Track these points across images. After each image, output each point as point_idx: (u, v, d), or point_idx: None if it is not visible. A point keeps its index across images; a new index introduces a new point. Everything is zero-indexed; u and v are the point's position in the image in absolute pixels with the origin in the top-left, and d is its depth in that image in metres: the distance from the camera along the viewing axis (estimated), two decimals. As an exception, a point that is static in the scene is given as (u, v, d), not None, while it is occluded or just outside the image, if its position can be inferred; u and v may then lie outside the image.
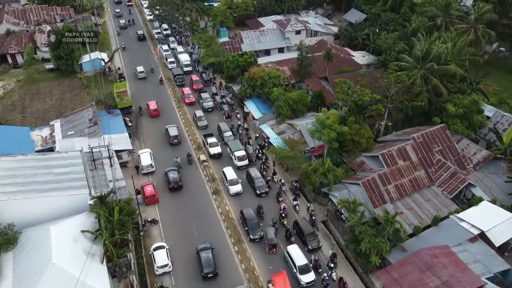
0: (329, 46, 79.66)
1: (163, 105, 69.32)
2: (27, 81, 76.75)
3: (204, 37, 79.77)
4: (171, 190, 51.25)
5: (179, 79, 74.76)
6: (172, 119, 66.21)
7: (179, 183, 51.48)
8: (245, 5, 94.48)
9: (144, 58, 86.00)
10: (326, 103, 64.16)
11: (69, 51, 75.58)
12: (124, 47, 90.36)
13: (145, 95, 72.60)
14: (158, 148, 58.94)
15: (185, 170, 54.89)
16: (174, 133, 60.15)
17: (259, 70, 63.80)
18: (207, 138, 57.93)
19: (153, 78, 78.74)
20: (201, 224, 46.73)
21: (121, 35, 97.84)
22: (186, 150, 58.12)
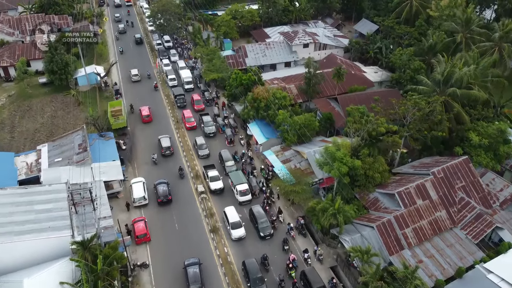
0: (339, 61, 74.77)
1: (156, 111, 68.01)
2: (18, 96, 72.66)
3: (206, 51, 75.14)
4: (160, 205, 49.49)
5: (180, 100, 68.75)
6: (165, 126, 64.88)
7: (168, 196, 49.57)
8: (251, 15, 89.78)
9: (141, 63, 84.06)
10: (335, 126, 59.33)
11: (62, 65, 71.35)
12: (122, 50, 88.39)
13: (138, 100, 71.24)
14: (149, 161, 57.24)
15: (176, 186, 52.46)
16: (167, 144, 57.93)
17: (263, 90, 58.99)
18: (208, 171, 52.28)
19: (148, 83, 76.97)
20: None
21: (120, 40, 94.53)
22: (178, 163, 56.22)
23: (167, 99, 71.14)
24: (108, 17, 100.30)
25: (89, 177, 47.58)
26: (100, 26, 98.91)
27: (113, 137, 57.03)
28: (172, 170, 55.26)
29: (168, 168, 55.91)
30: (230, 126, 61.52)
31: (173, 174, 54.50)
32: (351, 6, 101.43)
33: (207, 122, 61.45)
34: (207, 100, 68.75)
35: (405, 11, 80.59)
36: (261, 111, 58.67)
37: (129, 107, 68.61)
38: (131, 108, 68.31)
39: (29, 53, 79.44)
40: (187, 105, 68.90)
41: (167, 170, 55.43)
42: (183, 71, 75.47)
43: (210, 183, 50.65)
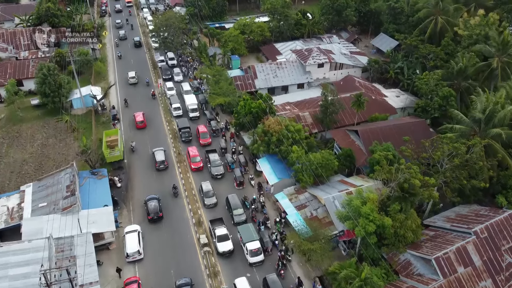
0: (358, 84, 68.26)
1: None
2: (8, 120, 66.88)
3: (212, 72, 68.83)
4: (150, 222, 47.37)
5: (185, 134, 60.57)
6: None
7: (159, 213, 47.62)
8: (261, 30, 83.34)
9: (139, 67, 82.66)
10: (356, 165, 52.74)
11: (56, 87, 65.46)
12: (120, 55, 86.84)
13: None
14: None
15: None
16: (161, 158, 55.66)
17: (275, 122, 52.59)
18: (216, 228, 44.49)
19: (146, 91, 74.67)
20: None
21: (120, 46, 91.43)
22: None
23: (168, 125, 64.93)
24: (109, 31, 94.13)
25: (76, 229, 41.64)
26: (100, 40, 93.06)
27: (106, 175, 50.89)
28: (166, 186, 52.98)
29: (162, 183, 53.62)
30: (239, 164, 54.67)
31: (166, 191, 52.00)
32: (368, 19, 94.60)
33: (214, 161, 54.04)
34: (214, 131, 61.86)
35: (429, 28, 73.75)
36: (273, 146, 52.25)
37: (124, 101, 70.94)
38: (125, 102, 70.55)
39: (22, 71, 73.76)
40: (193, 138, 61.35)
41: (160, 185, 53.19)
42: (188, 97, 68.54)
43: (218, 243, 43.32)
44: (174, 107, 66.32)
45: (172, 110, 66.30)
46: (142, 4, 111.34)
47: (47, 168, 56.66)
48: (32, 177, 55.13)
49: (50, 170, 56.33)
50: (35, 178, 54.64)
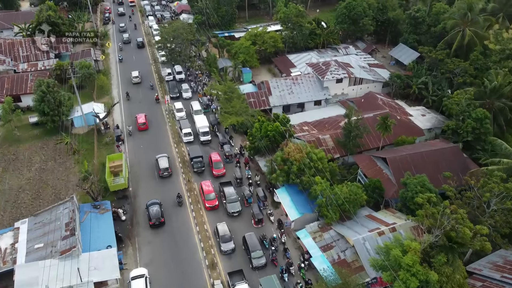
0: (380, 102, 63.35)
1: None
2: (4, 140, 62.23)
3: (224, 88, 63.98)
4: (152, 227, 46.47)
5: (197, 165, 54.15)
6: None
7: (161, 219, 46.70)
8: (273, 41, 78.40)
9: (142, 69, 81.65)
10: (385, 197, 47.78)
11: (55, 105, 60.74)
12: (122, 59, 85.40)
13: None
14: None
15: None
16: (164, 165, 54.15)
17: (296, 149, 47.68)
18: (236, 285, 38.31)
19: (150, 94, 73.40)
20: None
21: (124, 50, 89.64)
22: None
23: (176, 148, 59.97)
24: (113, 36, 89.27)
25: (76, 278, 36.87)
26: (103, 50, 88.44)
27: (109, 208, 46.07)
28: (170, 195, 51.08)
29: (164, 192, 51.78)
30: (257, 197, 49.46)
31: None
32: (385, 28, 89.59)
33: (231, 197, 47.91)
34: (227, 156, 56.40)
35: (456, 40, 68.64)
36: (293, 176, 47.34)
37: (126, 94, 72.34)
38: (127, 95, 71.84)
39: (20, 86, 69.05)
40: (205, 169, 55.09)
41: (163, 194, 51.28)
42: (198, 118, 62.70)
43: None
44: (184, 133, 59.97)
45: (183, 136, 60.05)
46: (147, 12, 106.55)
47: (45, 197, 52.00)
48: (29, 207, 50.52)
49: (48, 198, 51.81)
50: (32, 208, 50.27)
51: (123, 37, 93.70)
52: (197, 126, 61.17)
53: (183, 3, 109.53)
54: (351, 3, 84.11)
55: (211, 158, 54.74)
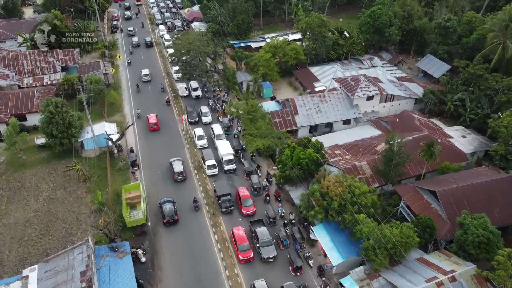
0: (417, 122, 58.37)
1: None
2: (9, 165, 57.27)
3: (246, 108, 58.97)
4: (166, 225, 46.67)
5: (226, 204, 47.71)
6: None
7: (175, 216, 46.76)
8: (295, 53, 73.31)
9: (152, 68, 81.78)
10: (438, 238, 42.68)
11: (65, 127, 55.75)
12: (130, 62, 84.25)
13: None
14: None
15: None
16: (179, 169, 53.08)
17: (335, 183, 42.61)
18: None
19: (160, 97, 72.46)
20: None
21: (133, 54, 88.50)
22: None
23: (198, 178, 54.67)
24: (121, 47, 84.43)
25: None
26: (113, 61, 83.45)
27: (129, 251, 40.99)
28: (185, 199, 50.10)
29: (180, 196, 50.65)
30: (293, 239, 44.05)
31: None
32: (410, 38, 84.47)
33: (264, 240, 41.92)
34: (255, 188, 50.80)
35: (496, 54, 63.53)
36: (333, 213, 42.29)
37: (135, 86, 74.46)
38: (136, 88, 74.14)
39: (25, 104, 64.03)
40: (234, 208, 48.80)
41: (178, 198, 50.03)
42: (221, 144, 56.69)
43: None
44: (208, 165, 53.52)
45: (206, 169, 53.69)
46: (157, 20, 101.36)
47: (55, 233, 47.03)
48: (37, 245, 45.61)
49: (58, 234, 46.89)
50: (41, 246, 45.44)
51: (132, 40, 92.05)
52: (220, 154, 55.46)
53: (194, 10, 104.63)
54: (376, 12, 79.04)
55: (239, 194, 48.56)
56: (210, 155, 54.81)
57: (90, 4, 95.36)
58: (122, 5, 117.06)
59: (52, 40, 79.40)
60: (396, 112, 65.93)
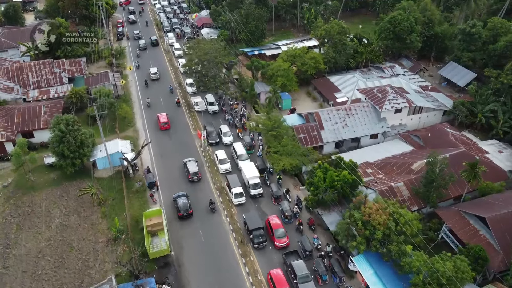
0: (452, 137, 55.11)
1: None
2: (17, 187, 53.45)
3: (269, 123, 55.45)
4: (181, 219, 47.46)
5: (259, 239, 43.11)
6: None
7: (189, 210, 47.49)
8: (314, 61, 69.80)
9: (159, 68, 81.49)
10: (490, 269, 39.32)
11: (76, 146, 52.00)
12: (138, 65, 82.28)
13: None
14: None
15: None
16: (194, 170, 52.86)
17: (378, 211, 39.16)
18: None
19: (170, 98, 71.79)
20: None
21: (140, 57, 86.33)
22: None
23: (225, 211, 50.01)
24: (132, 66, 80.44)
25: None
26: (121, 71, 79.68)
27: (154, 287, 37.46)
28: (201, 201, 50.08)
29: (196, 197, 50.41)
30: (332, 272, 40.62)
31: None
32: (430, 44, 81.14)
33: (302, 276, 38.13)
34: (286, 216, 46.64)
35: (530, 63, 60.37)
36: (376, 243, 38.86)
37: (144, 82, 75.80)
38: (145, 83, 75.48)
39: (33, 121, 60.19)
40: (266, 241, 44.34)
41: (194, 200, 49.71)
42: (245, 166, 52.05)
43: None
44: (235, 193, 48.50)
45: (233, 198, 48.74)
46: (165, 27, 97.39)
47: (70, 265, 43.42)
48: (52, 279, 42.11)
49: (74, 267, 43.32)
50: (56, 281, 41.87)
51: (139, 43, 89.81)
52: (245, 177, 51.03)
53: (203, 15, 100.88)
54: (396, 18, 75.68)
55: (270, 223, 44.41)
56: (236, 182, 50.17)
57: (94, 9, 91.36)
58: (126, 9, 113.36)
59: (52, 41, 76.92)
60: (424, 124, 62.67)
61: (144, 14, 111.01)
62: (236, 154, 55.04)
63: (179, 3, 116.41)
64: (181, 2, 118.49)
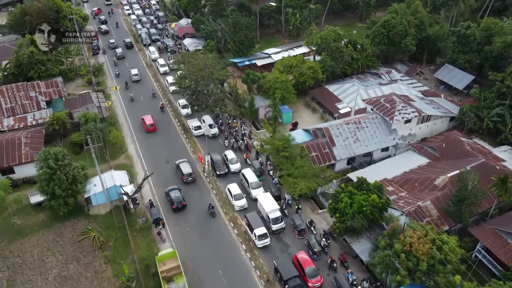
0: (468, 147, 53.08)
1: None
2: (1, 234, 47.18)
3: (277, 143, 51.65)
4: (174, 211, 48.44)
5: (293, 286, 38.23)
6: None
7: (183, 202, 48.80)
8: (313, 72, 66.51)
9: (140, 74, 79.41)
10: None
11: (69, 183, 46.29)
12: (118, 73, 79.05)
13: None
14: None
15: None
16: (188, 171, 52.76)
17: (420, 240, 36.21)
18: None
19: (153, 102, 70.61)
20: None
21: (118, 65, 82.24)
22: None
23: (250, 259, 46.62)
24: (118, 86, 73.87)
25: None
26: (103, 90, 73.59)
27: None
28: (199, 206, 49.57)
29: (194, 205, 49.75)
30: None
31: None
32: (422, 46, 79.66)
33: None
34: (315, 252, 42.29)
35: (533, 65, 59.54)
36: (420, 275, 35.90)
37: (124, 83, 74.31)
38: (125, 85, 74.13)
39: (12, 155, 53.63)
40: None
41: (192, 207, 49.38)
42: (262, 197, 46.91)
43: None
44: (258, 235, 42.88)
45: (257, 240, 43.11)
46: (144, 40, 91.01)
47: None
48: None
49: (82, 327, 37.87)
50: None
51: (116, 52, 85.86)
52: (263, 211, 45.99)
53: (183, 24, 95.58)
54: (390, 22, 73.75)
55: (299, 261, 40.15)
56: (258, 221, 44.24)
57: (66, 23, 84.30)
58: (97, 18, 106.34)
59: (52, 40, 73.45)
60: (432, 132, 60.83)
61: (114, 16, 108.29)
62: (247, 182, 50.45)
63: (154, 12, 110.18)
64: (156, 10, 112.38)
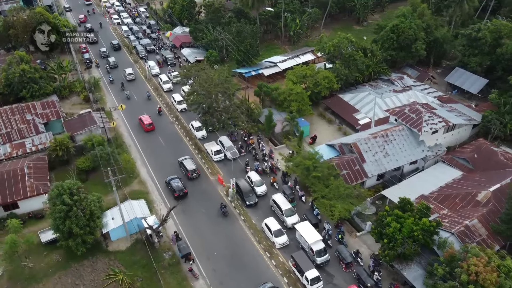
0: (502, 157, 51.45)
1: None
2: (12, 279, 42.32)
3: (306, 163, 48.46)
4: (176, 199, 49.71)
5: None
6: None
7: (184, 190, 50.37)
8: (328, 82, 63.70)
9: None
10: None
11: (86, 219, 41.84)
12: (112, 79, 77.71)
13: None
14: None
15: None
16: (192, 167, 53.26)
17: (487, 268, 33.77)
18: None
19: (149, 105, 70.44)
20: None
21: (111, 73, 79.72)
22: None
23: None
24: (124, 105, 68.46)
25: None
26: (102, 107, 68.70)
27: None
28: (210, 206, 49.49)
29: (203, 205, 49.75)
30: None
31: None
32: (429, 50, 78.03)
33: None
34: (367, 287, 38.37)
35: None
36: (490, 309, 33.45)
37: (120, 85, 75.02)
38: (121, 86, 74.70)
39: (16, 188, 48.52)
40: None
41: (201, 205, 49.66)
42: (302, 228, 42.69)
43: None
44: (311, 279, 38.04)
45: (309, 285, 38.36)
46: (140, 52, 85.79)
47: None
48: None
49: None
50: None
51: (108, 61, 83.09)
52: (305, 243, 42.13)
53: (178, 32, 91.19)
54: (399, 26, 71.80)
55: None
56: (307, 262, 39.50)
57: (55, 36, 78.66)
58: (83, 26, 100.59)
59: (52, 41, 70.11)
60: (456, 141, 59.00)
61: (95, 16, 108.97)
62: (280, 210, 46.70)
63: (145, 20, 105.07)
64: (146, 18, 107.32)
